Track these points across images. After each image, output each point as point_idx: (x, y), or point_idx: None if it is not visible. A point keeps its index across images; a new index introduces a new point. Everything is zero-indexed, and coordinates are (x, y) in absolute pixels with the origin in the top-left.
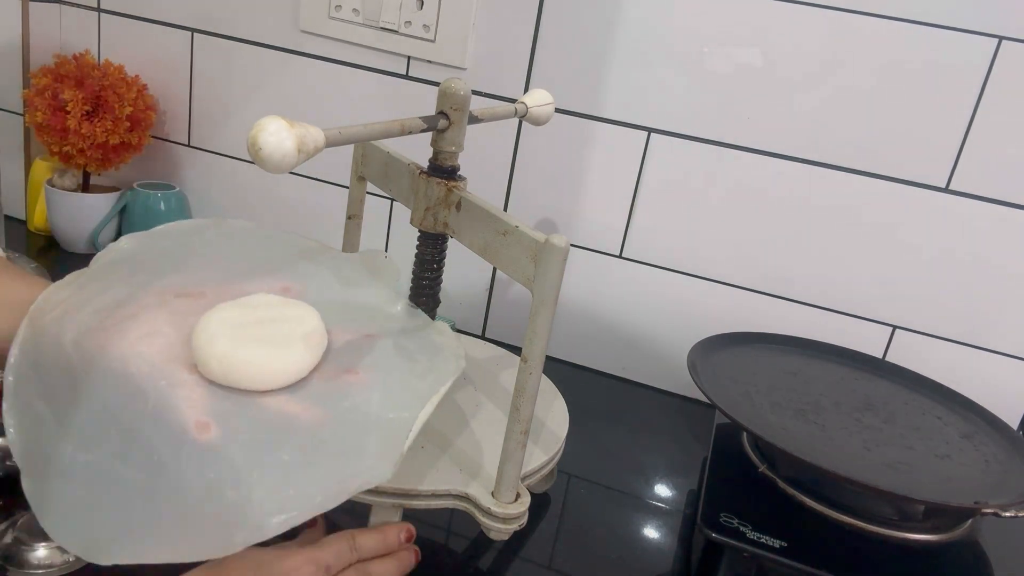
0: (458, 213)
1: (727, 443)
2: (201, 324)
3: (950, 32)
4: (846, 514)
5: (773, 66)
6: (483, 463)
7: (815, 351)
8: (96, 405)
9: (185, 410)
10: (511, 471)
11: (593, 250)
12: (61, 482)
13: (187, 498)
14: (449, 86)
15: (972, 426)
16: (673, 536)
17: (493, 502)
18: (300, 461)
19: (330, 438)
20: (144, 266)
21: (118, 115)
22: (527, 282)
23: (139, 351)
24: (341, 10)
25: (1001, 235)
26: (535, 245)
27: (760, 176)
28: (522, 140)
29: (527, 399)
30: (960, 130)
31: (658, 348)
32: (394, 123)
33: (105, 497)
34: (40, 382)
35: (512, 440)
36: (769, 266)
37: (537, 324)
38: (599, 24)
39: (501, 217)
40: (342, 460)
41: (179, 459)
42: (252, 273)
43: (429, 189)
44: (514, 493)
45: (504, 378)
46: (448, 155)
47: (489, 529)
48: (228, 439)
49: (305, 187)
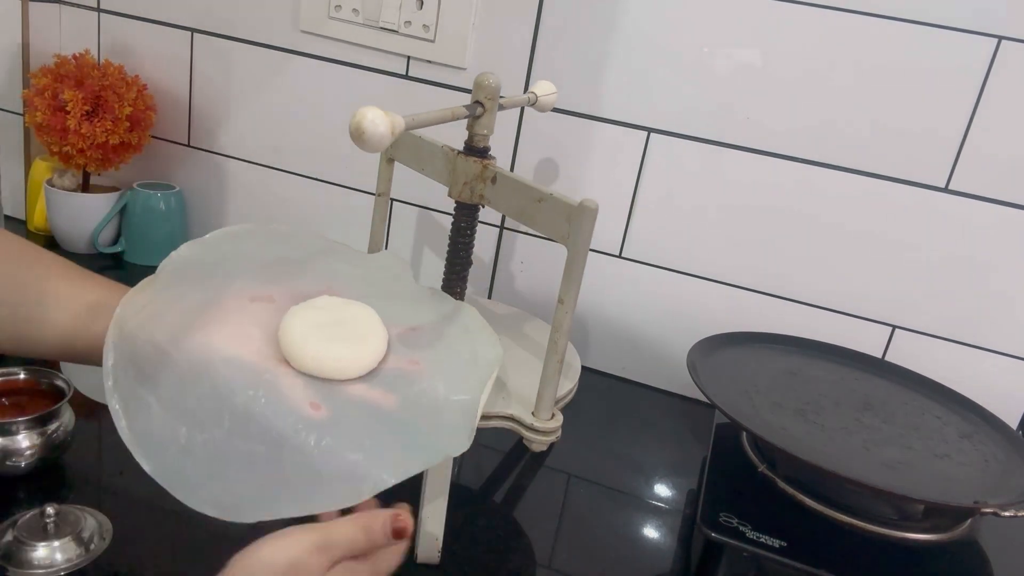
0: (493, 186)
1: (727, 443)
2: (288, 326)
3: (950, 32)
4: (846, 514)
5: (773, 66)
6: (520, 392)
7: (815, 351)
8: (205, 391)
9: (294, 396)
10: (549, 394)
11: (593, 250)
12: (183, 458)
13: (312, 462)
14: (484, 80)
15: (972, 426)
16: (673, 536)
17: (535, 419)
18: (394, 435)
19: (410, 418)
20: (210, 271)
21: (118, 115)
22: (562, 239)
23: (238, 349)
24: (341, 10)
25: (1001, 235)
26: (569, 208)
27: (760, 176)
28: (522, 140)
29: (563, 334)
30: (960, 130)
31: (658, 348)
32: (447, 111)
33: (231, 467)
34: (140, 375)
35: (550, 368)
36: (769, 266)
37: (572, 271)
38: (598, 24)
39: (535, 186)
40: (426, 435)
41: (298, 432)
42: (301, 275)
43: (466, 167)
44: (551, 413)
45: (522, 328)
46: (481, 137)
47: (531, 442)
48: (339, 416)
49: (303, 186)
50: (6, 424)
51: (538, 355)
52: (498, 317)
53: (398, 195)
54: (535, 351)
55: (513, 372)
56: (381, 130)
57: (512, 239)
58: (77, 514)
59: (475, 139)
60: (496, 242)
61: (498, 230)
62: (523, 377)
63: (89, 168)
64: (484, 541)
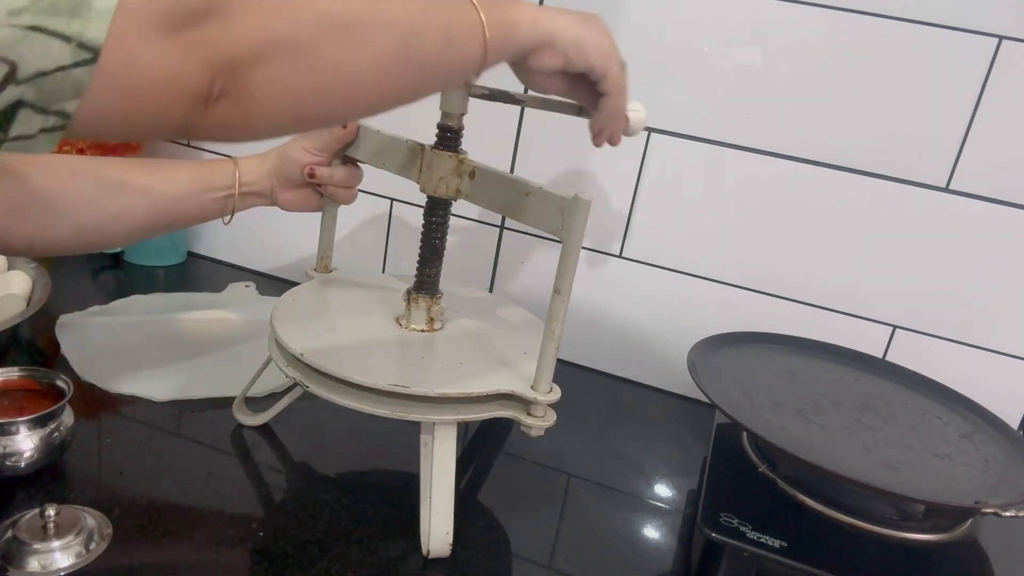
0: (472, 180)
1: (727, 443)
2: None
3: (950, 32)
4: (846, 514)
5: (773, 66)
6: (517, 371)
7: (815, 351)
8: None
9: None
10: (547, 366)
11: (593, 250)
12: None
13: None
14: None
15: (972, 426)
16: (673, 536)
17: (535, 393)
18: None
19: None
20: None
21: None
22: (555, 232)
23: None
24: None
25: (1001, 235)
26: (563, 201)
27: (760, 176)
28: (522, 140)
29: (559, 322)
30: (960, 130)
31: (658, 348)
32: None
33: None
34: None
35: (547, 356)
36: (769, 266)
37: (567, 263)
38: None
39: (522, 180)
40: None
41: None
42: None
43: (440, 161)
44: (550, 387)
45: (505, 314)
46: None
47: (531, 428)
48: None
49: None
50: (6, 424)
51: (521, 339)
52: (474, 301)
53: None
54: (516, 335)
55: (511, 354)
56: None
57: (512, 239)
58: (77, 514)
59: (449, 119)
60: (496, 242)
61: (498, 230)
62: (519, 357)
63: None
64: (484, 541)
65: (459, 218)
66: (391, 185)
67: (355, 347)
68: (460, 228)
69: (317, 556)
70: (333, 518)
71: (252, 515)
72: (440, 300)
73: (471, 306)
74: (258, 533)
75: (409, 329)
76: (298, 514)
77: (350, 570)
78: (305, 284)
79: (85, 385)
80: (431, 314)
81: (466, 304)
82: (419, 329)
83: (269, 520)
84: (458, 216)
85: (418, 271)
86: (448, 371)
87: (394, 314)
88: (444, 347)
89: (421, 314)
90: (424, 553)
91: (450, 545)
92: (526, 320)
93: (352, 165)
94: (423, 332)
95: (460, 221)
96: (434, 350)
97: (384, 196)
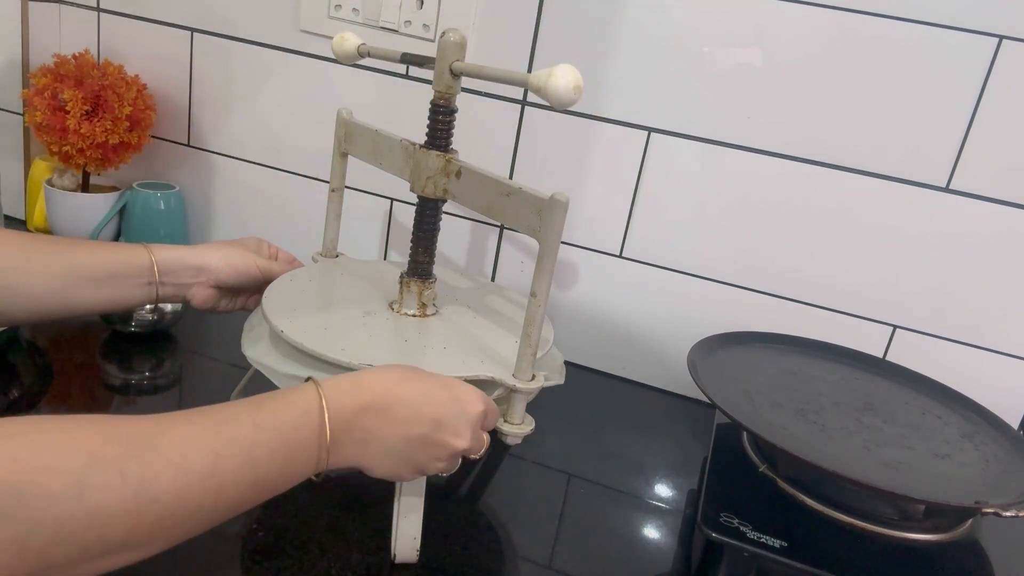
0: (458, 180)
1: (727, 443)
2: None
3: (950, 32)
4: (846, 514)
5: (773, 66)
6: (500, 358)
7: (815, 351)
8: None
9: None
10: (528, 353)
11: (593, 250)
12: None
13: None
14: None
15: (972, 426)
16: (673, 536)
17: (514, 380)
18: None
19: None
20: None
21: (118, 115)
22: (533, 232)
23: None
24: (341, 10)
25: (1001, 235)
26: (539, 202)
27: (760, 176)
28: (522, 140)
29: (536, 327)
30: (960, 130)
31: (658, 348)
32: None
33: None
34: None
35: (524, 360)
36: (769, 266)
37: (544, 266)
38: (599, 24)
39: (503, 181)
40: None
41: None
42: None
43: (428, 161)
44: (531, 374)
45: (502, 301)
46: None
47: (506, 435)
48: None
49: (303, 185)
50: None
51: (512, 326)
52: (473, 289)
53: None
54: (508, 323)
55: (492, 341)
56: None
57: (513, 239)
58: None
59: (440, 98)
60: (496, 242)
61: (498, 230)
62: (501, 345)
63: (89, 168)
64: (484, 541)
65: (459, 218)
66: (391, 185)
67: (337, 327)
68: (460, 228)
69: (317, 556)
70: (333, 518)
71: (252, 515)
72: (432, 285)
73: (469, 294)
74: (258, 533)
75: (401, 314)
76: (298, 514)
77: (350, 570)
78: (306, 267)
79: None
80: (423, 299)
81: (465, 292)
82: (411, 314)
83: (269, 520)
84: (459, 216)
85: (411, 255)
86: (428, 354)
87: (389, 299)
88: (431, 332)
89: (413, 299)
90: (391, 558)
91: (417, 552)
92: (523, 307)
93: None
94: (414, 317)
95: (460, 221)
96: (421, 335)
97: (384, 196)
